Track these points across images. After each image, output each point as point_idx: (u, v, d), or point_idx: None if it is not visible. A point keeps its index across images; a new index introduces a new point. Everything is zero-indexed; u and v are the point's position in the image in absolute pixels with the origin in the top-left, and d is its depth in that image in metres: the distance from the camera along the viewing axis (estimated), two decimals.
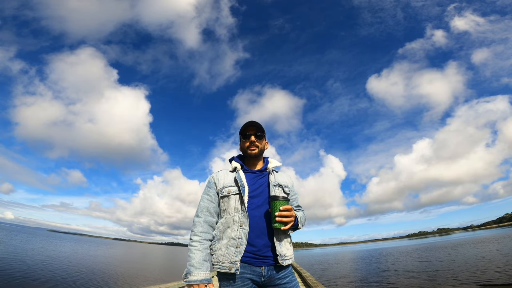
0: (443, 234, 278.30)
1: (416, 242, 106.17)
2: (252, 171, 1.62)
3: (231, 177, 1.58)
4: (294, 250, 1.66)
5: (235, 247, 1.42)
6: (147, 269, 21.61)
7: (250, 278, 1.43)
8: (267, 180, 1.60)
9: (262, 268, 1.44)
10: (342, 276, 16.79)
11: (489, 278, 10.83)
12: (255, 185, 1.56)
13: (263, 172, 1.63)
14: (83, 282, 11.82)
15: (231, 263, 1.40)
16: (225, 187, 1.55)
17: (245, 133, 1.64)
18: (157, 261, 35.36)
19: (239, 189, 1.52)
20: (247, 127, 1.63)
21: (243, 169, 1.62)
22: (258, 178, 1.60)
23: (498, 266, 13.48)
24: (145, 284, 12.91)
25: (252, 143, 1.61)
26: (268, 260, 1.45)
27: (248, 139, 1.61)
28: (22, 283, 10.13)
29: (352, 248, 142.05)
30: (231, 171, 1.62)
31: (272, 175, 1.63)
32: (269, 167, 1.65)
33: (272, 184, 1.57)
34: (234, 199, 1.52)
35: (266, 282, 1.45)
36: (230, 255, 1.41)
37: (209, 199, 1.56)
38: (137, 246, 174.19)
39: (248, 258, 1.44)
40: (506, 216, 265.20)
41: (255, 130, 1.63)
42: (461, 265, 15.68)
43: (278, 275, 1.46)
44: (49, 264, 16.88)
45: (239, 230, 1.44)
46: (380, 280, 13.58)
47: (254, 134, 1.63)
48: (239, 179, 1.55)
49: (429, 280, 12.07)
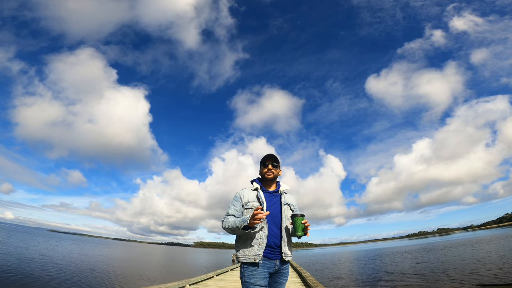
0: (443, 234, 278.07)
1: (416, 242, 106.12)
2: (268, 191, 2.18)
3: (254, 194, 2.14)
4: (294, 250, 1.92)
5: (258, 244, 1.97)
6: (147, 269, 21.60)
7: (268, 267, 1.99)
8: (279, 200, 2.16)
9: (276, 262, 2.03)
10: (342, 276, 16.80)
11: (489, 278, 10.84)
12: (270, 202, 2.13)
13: (276, 193, 2.20)
14: (83, 282, 11.82)
15: (256, 255, 1.95)
16: (250, 202, 2.10)
17: (264, 162, 2.21)
18: (157, 261, 35.35)
19: (260, 204, 2.08)
20: (267, 158, 2.21)
21: (262, 189, 2.18)
22: (272, 197, 2.17)
23: (498, 266, 13.50)
24: (145, 284, 12.91)
25: (269, 170, 2.19)
26: (279, 256, 2.03)
27: (267, 167, 2.19)
28: (16, 282, 10.13)
29: (352, 248, 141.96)
30: (253, 189, 2.17)
31: (283, 196, 2.20)
32: (281, 190, 2.23)
33: (283, 203, 2.15)
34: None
35: (276, 270, 2.06)
36: (255, 250, 1.96)
37: (235, 209, 2.11)
38: (137, 246, 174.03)
39: (268, 254, 2.00)
40: (506, 216, 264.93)
41: (272, 160, 2.21)
42: (461, 265, 15.69)
43: (282, 266, 2.08)
44: (48, 264, 16.88)
45: (260, 232, 1.99)
46: (380, 280, 13.60)
47: (271, 163, 2.21)
48: (260, 196, 2.11)
49: (429, 280, 12.09)
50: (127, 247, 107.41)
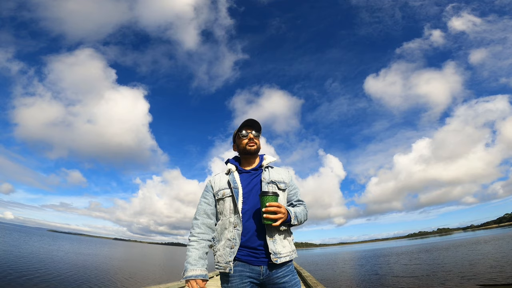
0: (443, 234, 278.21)
1: (416, 242, 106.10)
2: (246, 171, 1.64)
3: (225, 180, 1.62)
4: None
5: (230, 247, 1.47)
6: (147, 269, 21.59)
7: (249, 276, 1.46)
8: (260, 179, 1.60)
9: (261, 267, 1.46)
10: (342, 276, 16.78)
11: (489, 278, 10.82)
12: (249, 185, 1.58)
13: (258, 170, 1.64)
14: (82, 282, 11.80)
15: (226, 263, 1.45)
16: (220, 190, 1.60)
17: (243, 130, 1.66)
18: (157, 261, 35.33)
19: (231, 191, 1.55)
20: (245, 125, 1.67)
21: (238, 170, 1.65)
22: (252, 177, 1.61)
23: (497, 266, 13.47)
24: (145, 284, 12.90)
25: (251, 139, 1.65)
26: (265, 259, 1.47)
27: (246, 137, 1.65)
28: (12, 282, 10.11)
29: (352, 248, 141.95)
30: (226, 173, 1.65)
31: (267, 172, 1.63)
32: (264, 164, 1.65)
33: (266, 182, 1.57)
34: (228, 201, 1.56)
35: (265, 281, 1.47)
36: (226, 255, 1.47)
37: (206, 202, 1.62)
38: (137, 246, 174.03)
39: (247, 257, 1.47)
40: (506, 216, 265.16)
41: (252, 127, 1.67)
42: (461, 265, 15.66)
43: (276, 273, 1.46)
44: (49, 264, 16.87)
45: (233, 231, 1.49)
46: (381, 280, 13.57)
47: (252, 131, 1.67)
48: (232, 181, 1.58)
49: (429, 279, 12.06)
50: (127, 247, 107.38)
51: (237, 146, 1.72)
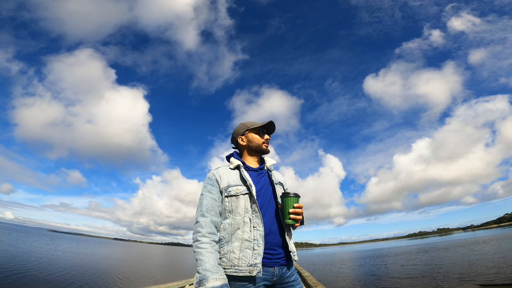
0: (443, 234, 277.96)
1: (416, 242, 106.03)
2: (253, 169, 1.50)
3: (235, 175, 1.47)
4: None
5: (251, 249, 1.39)
6: (147, 269, 21.58)
7: (264, 279, 1.42)
8: (267, 178, 1.50)
9: (275, 268, 1.43)
10: (342, 276, 16.78)
11: (489, 278, 10.82)
12: (259, 184, 1.48)
13: (262, 170, 1.56)
14: (82, 282, 11.80)
15: (251, 265, 1.38)
16: (232, 186, 1.46)
17: (264, 130, 1.58)
18: (157, 261, 35.31)
19: (248, 189, 1.45)
20: (270, 125, 1.57)
21: (245, 166, 1.51)
22: (260, 176, 1.49)
23: (497, 266, 13.47)
24: (145, 284, 12.89)
25: (267, 140, 1.56)
26: (279, 259, 1.43)
27: (263, 137, 1.56)
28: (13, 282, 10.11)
29: (352, 248, 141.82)
30: (232, 168, 1.48)
31: (272, 173, 1.59)
32: (267, 166, 1.58)
33: (275, 183, 1.50)
34: (243, 199, 1.46)
35: (276, 281, 1.43)
36: (248, 257, 1.39)
37: (213, 198, 1.46)
38: (137, 246, 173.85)
39: (265, 260, 1.43)
40: (506, 216, 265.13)
41: (272, 131, 1.61)
42: (460, 265, 15.67)
43: (286, 273, 1.44)
44: (48, 263, 16.86)
45: (253, 231, 1.41)
46: (380, 280, 13.58)
47: (270, 133, 1.61)
48: (245, 177, 1.46)
49: (429, 279, 12.07)
50: (127, 247, 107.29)
51: (248, 141, 1.54)
